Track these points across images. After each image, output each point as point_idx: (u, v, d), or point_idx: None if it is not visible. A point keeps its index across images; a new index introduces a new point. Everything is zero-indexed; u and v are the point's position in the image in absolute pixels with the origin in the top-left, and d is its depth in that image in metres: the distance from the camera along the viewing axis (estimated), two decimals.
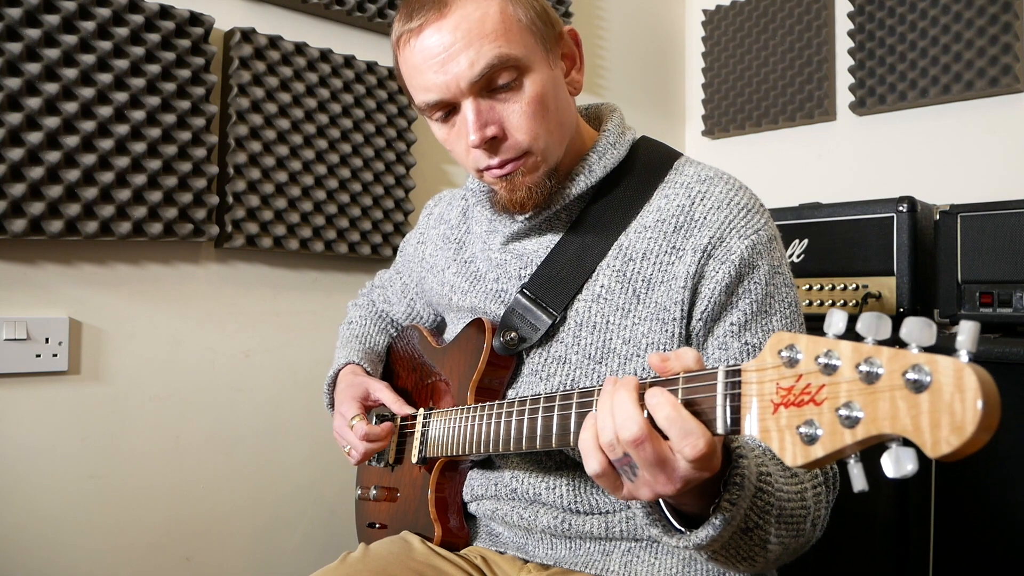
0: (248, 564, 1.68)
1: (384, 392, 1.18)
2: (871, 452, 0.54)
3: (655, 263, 0.96)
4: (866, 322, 0.52)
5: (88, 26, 1.40)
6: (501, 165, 0.95)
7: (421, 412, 1.13)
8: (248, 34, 1.60)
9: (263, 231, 1.64)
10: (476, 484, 1.09)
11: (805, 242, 1.82)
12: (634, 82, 2.58)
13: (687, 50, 2.77)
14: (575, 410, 0.79)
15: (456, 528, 1.11)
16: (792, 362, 0.56)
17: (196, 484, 1.61)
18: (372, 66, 1.80)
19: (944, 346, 0.46)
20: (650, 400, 0.66)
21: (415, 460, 1.10)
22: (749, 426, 0.59)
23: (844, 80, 2.33)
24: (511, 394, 1.04)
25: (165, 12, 1.49)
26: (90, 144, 1.40)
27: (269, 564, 1.71)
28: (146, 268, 1.54)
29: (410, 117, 1.87)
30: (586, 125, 1.08)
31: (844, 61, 2.33)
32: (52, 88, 1.36)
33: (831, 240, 1.78)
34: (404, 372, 1.27)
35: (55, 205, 1.36)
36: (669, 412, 0.64)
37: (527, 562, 1.05)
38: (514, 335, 1.01)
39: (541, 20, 0.95)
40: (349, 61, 1.76)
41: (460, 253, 1.16)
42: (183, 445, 1.59)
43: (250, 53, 1.60)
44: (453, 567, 1.04)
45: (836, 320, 0.55)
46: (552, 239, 1.04)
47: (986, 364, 0.47)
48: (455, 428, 1.02)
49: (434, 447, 1.07)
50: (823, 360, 0.54)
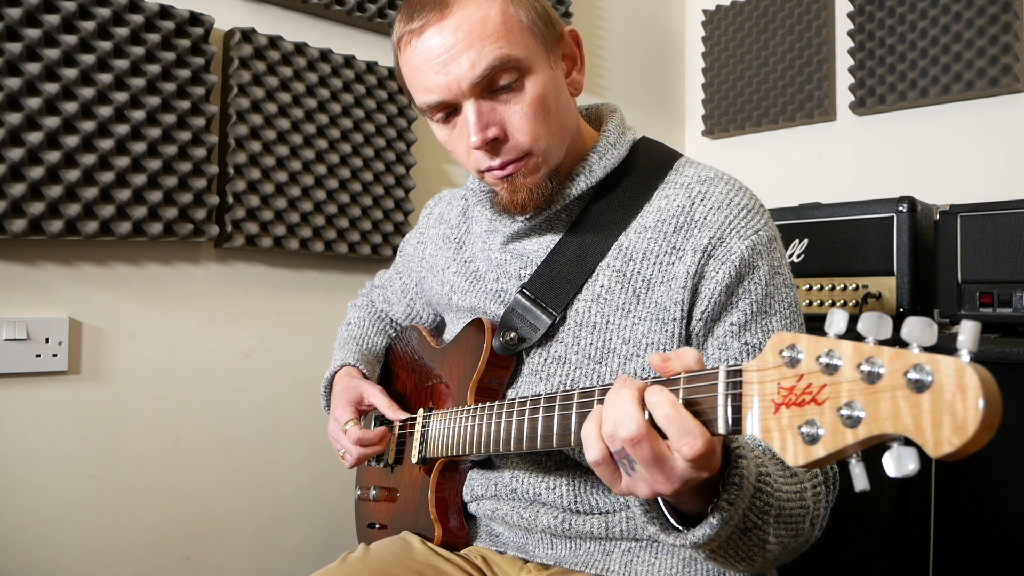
0: (248, 564, 1.68)
1: (378, 397, 1.17)
2: (871, 452, 0.54)
3: (655, 263, 0.96)
4: (867, 322, 0.52)
5: (88, 26, 1.40)
6: (502, 166, 0.95)
7: (421, 412, 1.13)
8: (248, 34, 1.60)
9: (263, 231, 1.64)
10: (476, 484, 1.09)
11: (805, 242, 1.82)
12: (634, 82, 2.58)
13: (687, 50, 2.77)
14: (575, 410, 0.79)
15: (456, 528, 1.11)
16: (793, 362, 0.56)
17: (196, 484, 1.61)
18: (372, 66, 1.80)
19: (944, 346, 0.46)
20: (650, 398, 0.66)
21: (415, 460, 1.10)
22: (750, 426, 0.59)
23: (844, 80, 2.33)
24: (511, 394, 1.04)
25: (165, 12, 1.49)
26: (90, 144, 1.40)
27: (269, 564, 1.71)
28: (146, 268, 1.54)
29: (410, 117, 1.87)
30: (586, 125, 1.08)
31: (844, 61, 2.33)
32: (52, 88, 1.36)
33: (831, 240, 1.78)
34: (403, 372, 1.27)
35: (55, 205, 1.36)
36: (668, 411, 0.64)
37: (527, 562, 1.05)
38: (514, 335, 1.01)
39: (542, 21, 0.95)
40: (349, 61, 1.76)
41: (460, 253, 1.16)
42: (183, 445, 1.59)
43: (250, 53, 1.60)
44: (453, 567, 1.04)
45: (837, 320, 0.55)
46: (552, 239, 1.04)
47: (986, 364, 0.47)
48: (455, 428, 1.02)
49: (434, 447, 1.07)
50: (824, 360, 0.54)
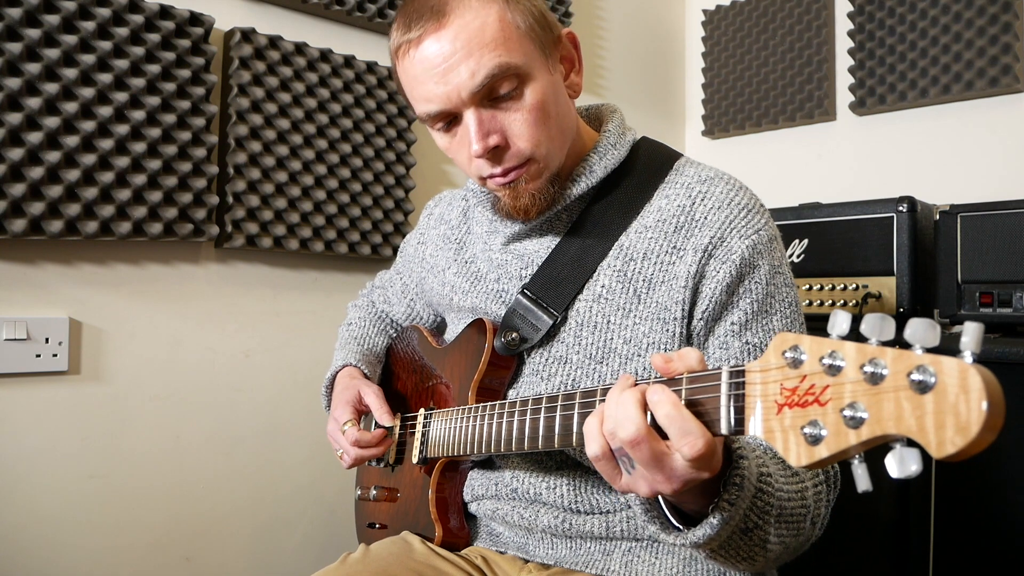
0: (248, 564, 1.68)
1: (373, 398, 1.16)
2: (872, 452, 0.54)
3: (656, 263, 0.96)
4: (870, 323, 0.52)
5: (88, 26, 1.40)
6: (504, 173, 0.95)
7: (422, 412, 1.13)
8: (248, 34, 1.60)
9: (263, 231, 1.64)
10: (476, 484, 1.09)
11: (805, 242, 1.82)
12: (634, 82, 2.58)
13: (687, 50, 2.77)
14: (577, 410, 0.79)
15: (456, 528, 1.11)
16: (796, 363, 0.56)
17: (196, 484, 1.61)
18: (372, 66, 1.80)
19: (944, 346, 0.46)
20: (651, 397, 0.66)
21: (415, 460, 1.10)
22: (753, 426, 0.59)
23: (844, 80, 2.33)
24: (512, 394, 1.04)
25: (165, 12, 1.49)
26: (90, 144, 1.40)
27: (269, 564, 1.71)
28: (146, 268, 1.54)
29: (410, 117, 1.87)
30: (586, 126, 1.08)
31: (844, 61, 2.33)
32: (52, 88, 1.36)
33: (831, 240, 1.78)
34: (404, 373, 1.27)
35: (55, 205, 1.36)
36: (669, 410, 0.65)
37: (527, 562, 1.05)
38: (515, 335, 1.01)
39: (540, 25, 0.94)
40: (349, 61, 1.76)
41: (461, 253, 1.16)
42: (183, 445, 1.59)
43: (250, 53, 1.60)
44: (453, 567, 1.04)
45: (840, 321, 0.55)
46: (553, 239, 1.04)
47: (986, 364, 0.48)
48: (456, 428, 1.02)
49: (435, 447, 1.07)
50: (827, 361, 0.54)
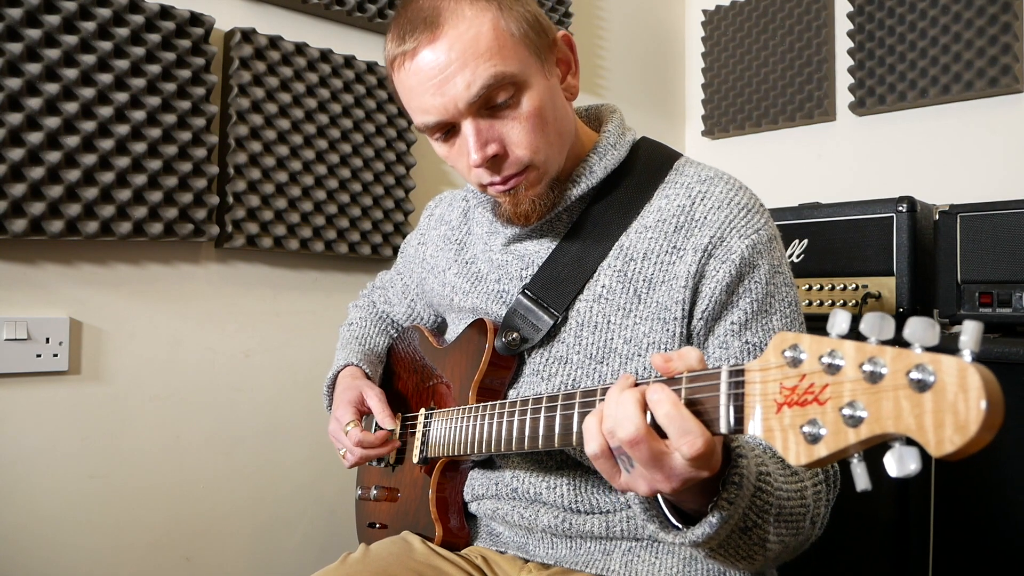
0: (248, 564, 1.68)
1: (374, 400, 1.16)
2: (872, 451, 0.54)
3: (656, 263, 0.96)
4: (869, 322, 0.52)
5: (88, 26, 1.40)
6: (504, 181, 0.96)
7: (422, 412, 1.13)
8: (248, 34, 1.60)
9: (263, 231, 1.64)
10: (477, 484, 1.09)
11: (805, 242, 1.82)
12: (634, 82, 2.58)
13: (687, 50, 2.77)
14: (577, 410, 0.79)
15: (457, 528, 1.11)
16: (796, 362, 0.56)
17: (196, 484, 1.61)
18: (372, 66, 1.80)
19: (944, 346, 0.46)
20: (651, 396, 0.66)
21: (416, 460, 1.10)
22: (753, 426, 0.59)
23: (844, 80, 2.33)
24: (512, 394, 1.04)
25: (165, 12, 1.49)
26: (90, 144, 1.40)
27: (269, 564, 1.71)
28: (146, 268, 1.54)
29: (410, 117, 1.87)
30: (585, 127, 1.08)
31: (844, 61, 2.33)
32: (52, 88, 1.36)
33: (831, 240, 1.78)
34: (405, 373, 1.27)
35: (55, 205, 1.36)
36: (669, 410, 0.65)
37: (527, 562, 1.05)
38: (516, 335, 1.01)
39: (534, 30, 0.94)
40: (349, 61, 1.76)
41: (461, 254, 1.16)
42: (183, 445, 1.59)
43: (250, 53, 1.60)
44: (453, 567, 1.04)
45: (839, 320, 0.55)
46: (553, 240, 1.04)
47: (986, 364, 0.47)
48: (456, 428, 1.02)
49: (435, 447, 1.07)
50: (827, 360, 0.54)
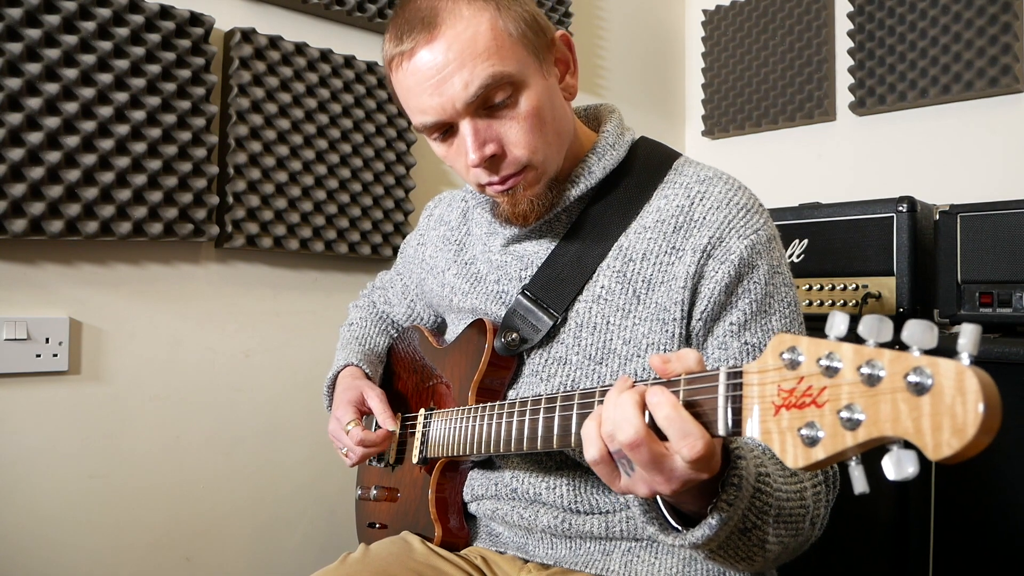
0: (248, 564, 1.68)
1: (375, 401, 1.17)
2: (871, 453, 0.54)
3: (655, 263, 0.96)
4: (868, 324, 0.52)
5: (88, 26, 1.40)
6: (502, 181, 0.95)
7: (422, 412, 1.13)
8: (248, 34, 1.60)
9: (263, 231, 1.64)
10: (476, 484, 1.09)
11: (805, 242, 1.82)
12: (634, 82, 2.58)
13: (687, 50, 2.77)
14: (576, 411, 0.79)
15: (456, 528, 1.11)
16: (794, 364, 0.56)
17: (196, 484, 1.61)
18: (372, 66, 1.80)
19: (944, 347, 0.46)
20: (650, 399, 0.66)
21: (416, 460, 1.10)
22: (750, 428, 0.59)
23: (844, 80, 2.33)
24: (512, 395, 1.04)
25: (165, 12, 1.49)
26: (90, 144, 1.40)
27: (269, 564, 1.71)
28: (146, 268, 1.54)
29: (408, 117, 1.87)
30: (584, 127, 1.08)
31: (844, 61, 2.33)
32: (52, 88, 1.36)
33: (831, 240, 1.78)
34: (405, 373, 1.27)
35: (55, 205, 1.36)
36: (669, 412, 0.64)
37: (527, 562, 1.05)
38: (515, 336, 1.01)
39: (532, 30, 0.94)
40: (349, 61, 1.76)
41: (460, 255, 1.16)
42: (183, 445, 1.59)
43: (250, 53, 1.60)
44: (453, 567, 1.04)
45: (838, 322, 0.55)
46: (552, 241, 1.04)
47: (986, 364, 0.47)
48: (456, 429, 1.02)
49: (435, 447, 1.07)
50: (825, 362, 0.54)
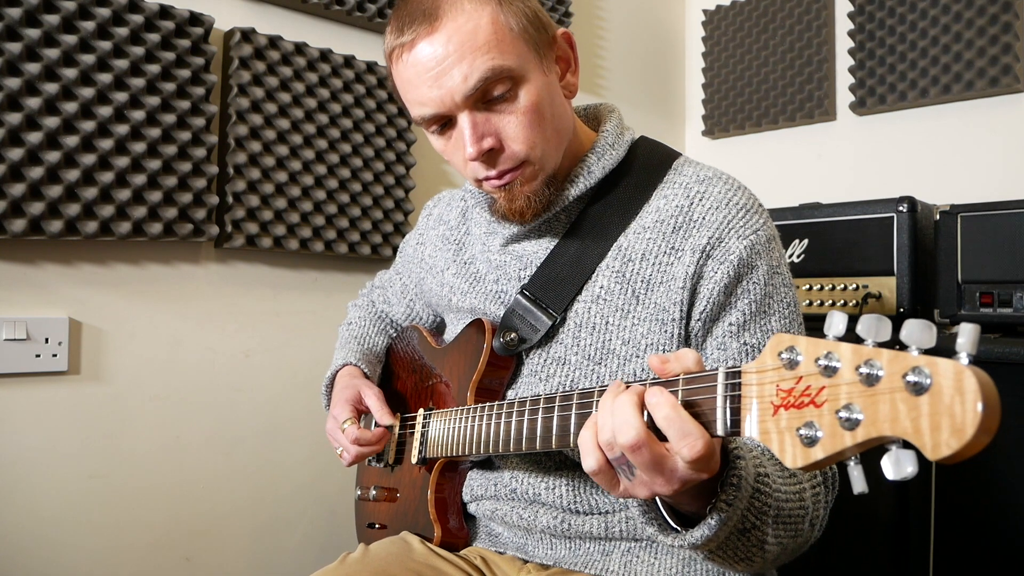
0: (248, 564, 1.68)
1: (373, 399, 1.17)
2: (870, 453, 0.54)
3: (654, 264, 0.96)
4: (866, 324, 0.52)
5: (88, 26, 1.40)
6: (500, 175, 0.95)
7: (421, 412, 1.13)
8: (248, 34, 1.60)
9: (263, 231, 1.64)
10: (476, 484, 1.09)
11: (805, 242, 1.82)
12: (634, 82, 2.58)
13: (687, 50, 2.76)
14: (575, 411, 0.79)
15: (456, 528, 1.11)
16: (792, 364, 0.56)
17: (196, 484, 1.61)
18: (372, 66, 1.80)
19: (944, 346, 0.46)
20: (650, 399, 0.66)
21: (415, 461, 1.10)
22: (749, 428, 0.59)
23: (844, 80, 2.33)
24: (511, 395, 1.04)
25: (165, 12, 1.49)
26: (90, 144, 1.40)
27: (269, 564, 1.71)
28: (146, 268, 1.54)
29: (410, 117, 1.87)
30: (584, 126, 1.07)
31: (844, 61, 2.33)
32: (52, 88, 1.36)
33: (831, 240, 1.78)
34: (404, 373, 1.27)
35: (55, 205, 1.36)
36: (668, 412, 0.64)
37: (527, 562, 1.05)
38: (514, 335, 1.01)
39: (533, 26, 0.94)
40: (349, 61, 1.76)
41: (460, 254, 1.16)
42: (183, 445, 1.59)
43: (250, 53, 1.60)
44: (453, 567, 1.04)
45: (836, 322, 0.55)
46: (551, 241, 1.04)
47: (986, 364, 0.47)
48: (455, 429, 1.02)
49: (434, 447, 1.07)
50: (823, 362, 0.54)
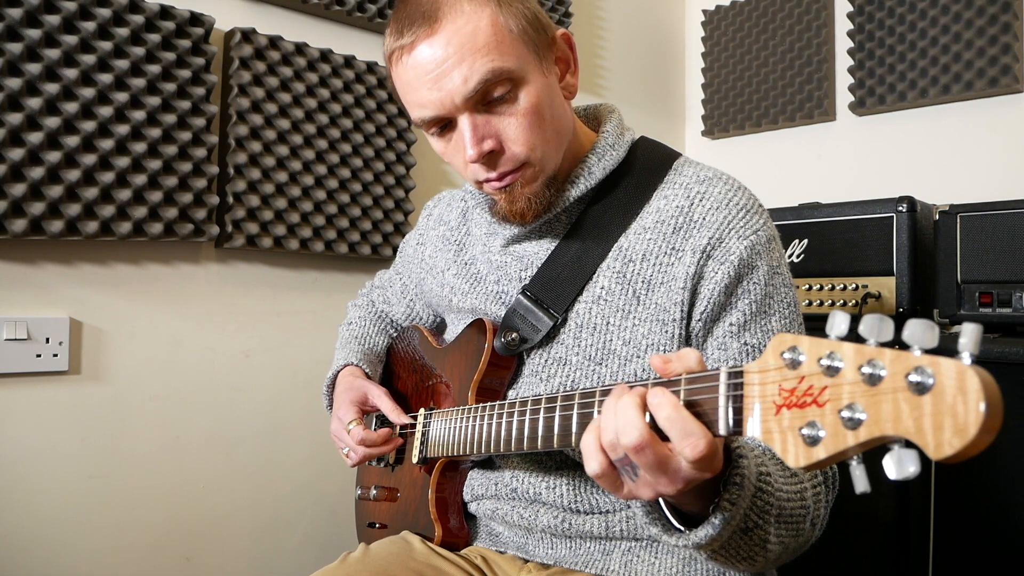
0: (248, 564, 1.68)
1: (382, 399, 1.17)
2: (871, 453, 0.54)
3: (655, 264, 0.96)
4: (868, 324, 0.52)
5: (88, 26, 1.40)
6: (500, 177, 0.95)
7: (422, 412, 1.13)
8: (248, 34, 1.60)
9: (263, 231, 1.64)
10: (476, 484, 1.09)
11: (805, 242, 1.82)
12: (634, 82, 2.58)
13: (687, 50, 2.77)
14: (576, 411, 0.79)
15: (456, 528, 1.11)
16: (794, 363, 0.56)
17: (196, 484, 1.61)
18: (372, 66, 1.80)
19: (944, 346, 0.46)
20: (652, 400, 0.66)
21: (416, 460, 1.10)
22: (751, 427, 0.59)
23: (844, 80, 2.33)
24: (511, 395, 1.04)
25: (165, 12, 1.49)
26: (90, 144, 1.40)
27: (269, 564, 1.71)
28: (146, 268, 1.54)
29: (410, 118, 1.87)
30: (584, 127, 1.07)
31: (844, 61, 2.33)
32: (52, 88, 1.36)
33: (831, 240, 1.78)
34: (405, 373, 1.27)
35: (55, 205, 1.36)
36: (670, 412, 0.64)
37: (527, 562, 1.05)
38: (515, 336, 1.01)
39: (533, 28, 0.94)
40: (349, 61, 1.76)
41: (460, 255, 1.16)
42: (183, 445, 1.59)
43: (250, 53, 1.60)
44: (453, 567, 1.04)
45: (838, 322, 0.55)
46: (552, 241, 1.04)
47: (986, 364, 0.47)
48: (456, 428, 1.02)
49: (435, 447, 1.07)
50: (826, 362, 0.54)
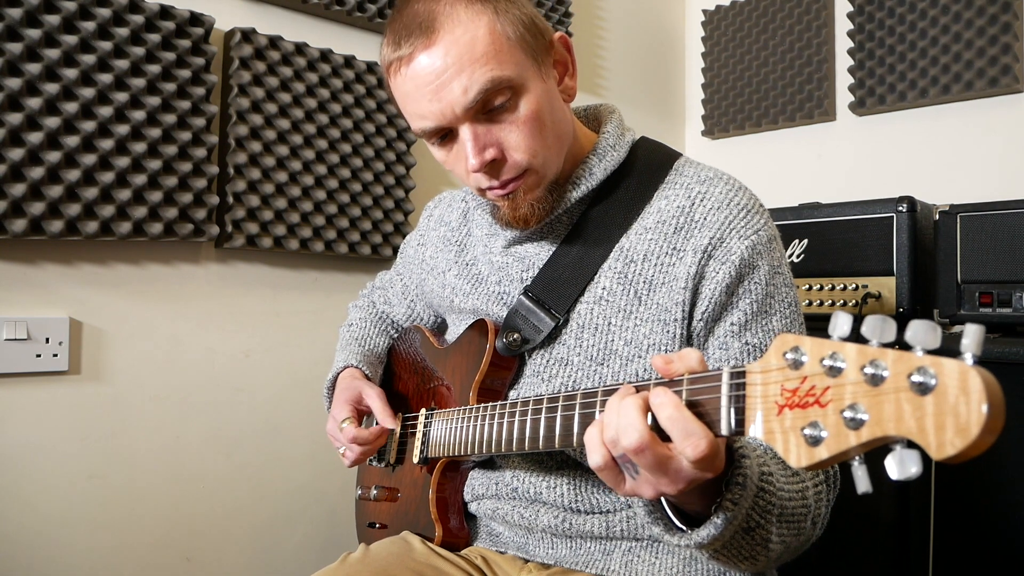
0: (248, 564, 1.68)
1: (375, 400, 1.17)
2: (872, 453, 0.54)
3: (656, 264, 0.96)
4: (871, 324, 0.52)
5: (88, 26, 1.40)
6: (503, 185, 0.95)
7: (423, 412, 1.13)
8: (248, 34, 1.60)
9: (263, 231, 1.64)
10: (477, 484, 1.09)
11: (805, 242, 1.82)
12: (634, 82, 2.58)
13: (687, 50, 2.77)
14: (578, 411, 0.79)
15: (456, 528, 1.11)
16: (797, 364, 0.56)
17: (196, 484, 1.61)
18: (372, 66, 1.80)
19: (944, 346, 0.46)
20: (654, 400, 0.66)
21: (416, 460, 1.10)
22: (754, 427, 0.59)
23: (844, 80, 2.33)
24: (513, 395, 1.04)
25: (165, 12, 1.49)
26: (90, 144, 1.40)
27: (269, 564, 1.71)
28: (146, 268, 1.54)
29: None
30: (584, 128, 1.07)
31: (844, 61, 2.33)
32: (52, 88, 1.36)
33: (831, 240, 1.79)
34: (406, 373, 1.27)
35: (55, 205, 1.36)
36: (672, 412, 0.65)
37: (527, 562, 1.05)
38: (517, 336, 1.01)
39: (530, 33, 0.93)
40: (349, 61, 1.76)
41: (461, 256, 1.16)
42: (183, 445, 1.59)
43: (250, 53, 1.60)
44: (453, 567, 1.04)
45: (841, 323, 0.55)
46: (553, 242, 1.04)
47: (986, 364, 0.47)
48: (457, 429, 1.02)
49: (436, 447, 1.07)
50: (828, 362, 0.54)
